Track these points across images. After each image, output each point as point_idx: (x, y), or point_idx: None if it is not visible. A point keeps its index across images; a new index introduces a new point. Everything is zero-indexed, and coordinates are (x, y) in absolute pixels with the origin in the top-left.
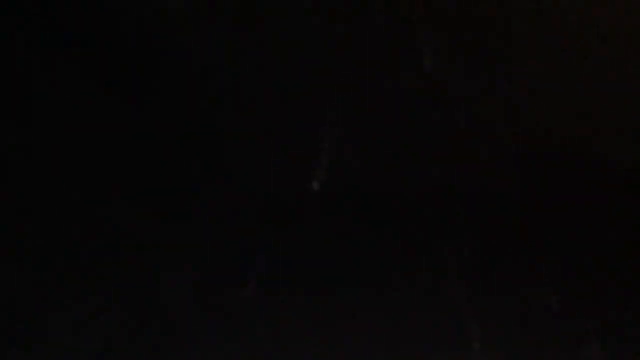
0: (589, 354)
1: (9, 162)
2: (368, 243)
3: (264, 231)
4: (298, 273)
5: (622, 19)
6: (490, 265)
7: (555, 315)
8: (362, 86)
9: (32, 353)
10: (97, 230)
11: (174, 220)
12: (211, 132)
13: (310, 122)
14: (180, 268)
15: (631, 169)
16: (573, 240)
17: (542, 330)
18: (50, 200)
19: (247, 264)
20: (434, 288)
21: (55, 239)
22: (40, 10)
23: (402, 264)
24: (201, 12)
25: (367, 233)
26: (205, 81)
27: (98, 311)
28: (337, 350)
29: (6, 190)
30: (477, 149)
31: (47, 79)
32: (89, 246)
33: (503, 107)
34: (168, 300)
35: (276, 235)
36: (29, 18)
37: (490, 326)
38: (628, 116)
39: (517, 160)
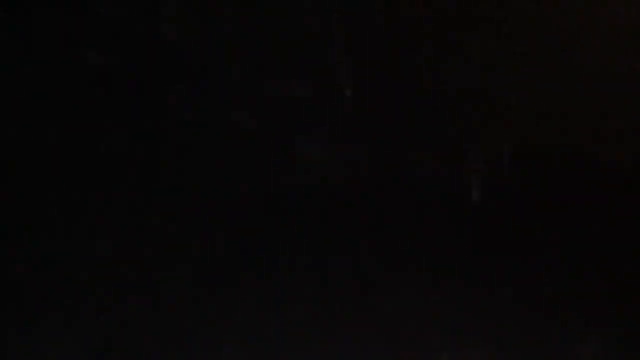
0: (589, 354)
1: (9, 163)
2: (367, 243)
3: (264, 231)
4: (298, 272)
5: (622, 19)
6: (489, 265)
7: (554, 315)
8: (362, 86)
9: (32, 353)
10: (97, 230)
11: (174, 220)
12: (211, 132)
13: (309, 122)
14: (180, 268)
15: (631, 169)
16: (573, 240)
17: (542, 329)
18: (50, 200)
19: (247, 263)
20: (433, 288)
21: (56, 239)
22: (39, 9)
23: (402, 263)
24: (201, 12)
25: (366, 233)
26: (205, 81)
27: (98, 311)
28: (337, 349)
29: (6, 190)
30: (476, 149)
31: (45, 79)
32: (89, 246)
33: (502, 107)
34: (168, 300)
35: (276, 234)
36: (28, 18)
37: (490, 326)
38: (628, 116)
39: (516, 160)
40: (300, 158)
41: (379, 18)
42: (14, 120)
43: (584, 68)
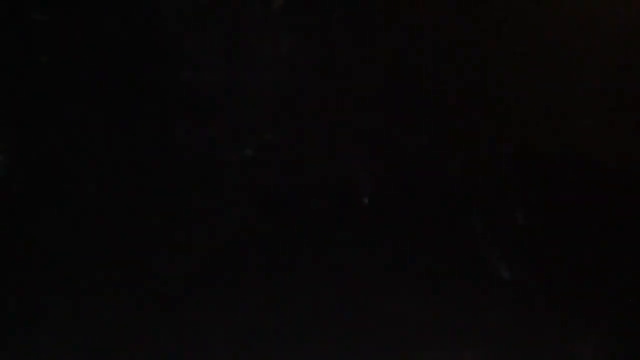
0: (589, 354)
1: (9, 164)
2: (367, 243)
3: (264, 230)
4: (298, 272)
5: (622, 19)
6: (489, 264)
7: (554, 315)
8: (361, 87)
9: (32, 353)
10: (98, 230)
11: (175, 220)
12: (210, 131)
13: (309, 122)
14: (181, 268)
15: (631, 169)
16: (572, 239)
17: (542, 329)
18: (50, 200)
19: (247, 263)
20: (433, 287)
21: (56, 239)
22: (38, 10)
23: (402, 263)
24: (201, 12)
25: (366, 233)
26: (205, 82)
27: (98, 311)
28: (337, 349)
29: (6, 190)
30: (476, 150)
31: (44, 80)
32: (90, 246)
33: (502, 108)
34: (168, 300)
35: (276, 233)
36: (27, 19)
37: (490, 326)
38: (628, 116)
39: (516, 160)
40: (301, 158)
41: (379, 17)
42: (14, 120)
43: (584, 68)
